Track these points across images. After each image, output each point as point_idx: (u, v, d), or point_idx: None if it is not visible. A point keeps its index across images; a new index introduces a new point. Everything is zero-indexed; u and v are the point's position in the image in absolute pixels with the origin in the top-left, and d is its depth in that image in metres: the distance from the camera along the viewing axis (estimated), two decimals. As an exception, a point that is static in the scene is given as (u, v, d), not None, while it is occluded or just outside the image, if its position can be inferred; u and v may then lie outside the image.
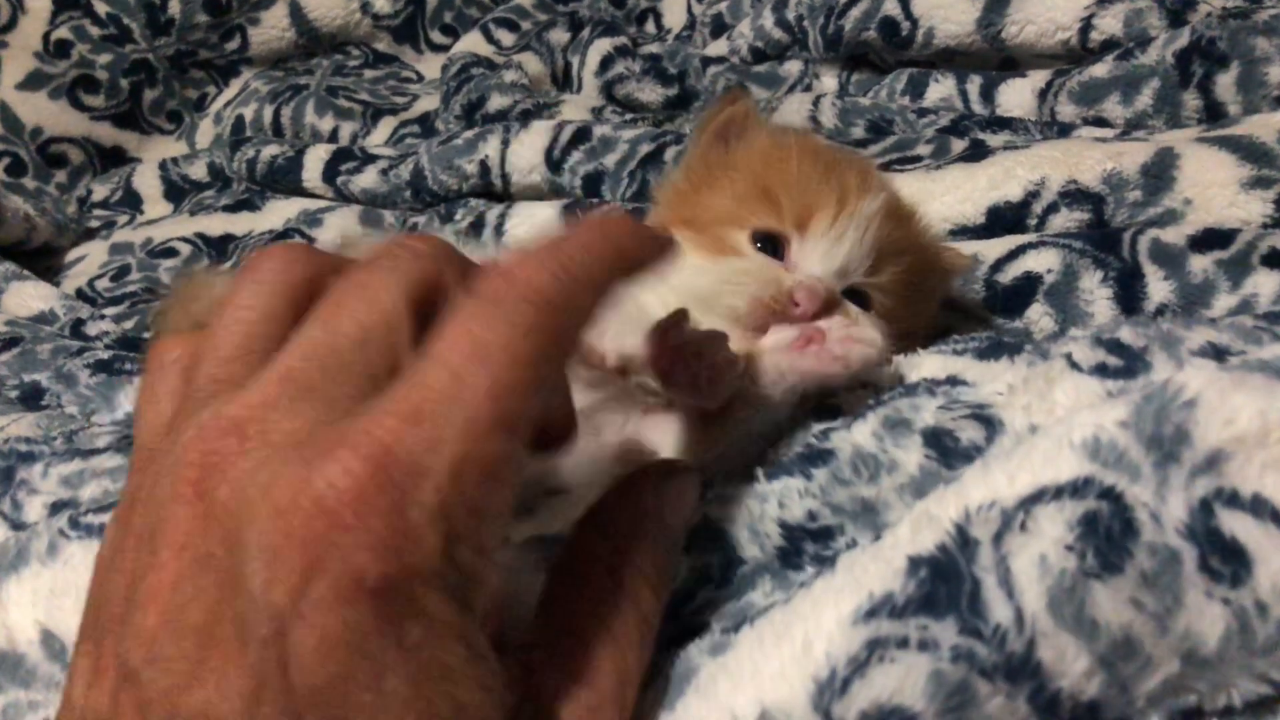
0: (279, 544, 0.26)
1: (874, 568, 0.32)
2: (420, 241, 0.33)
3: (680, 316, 0.45)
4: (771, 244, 0.54)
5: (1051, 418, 0.37)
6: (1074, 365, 0.40)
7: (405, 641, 0.26)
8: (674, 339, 0.44)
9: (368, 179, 1.09)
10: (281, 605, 0.25)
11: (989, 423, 0.38)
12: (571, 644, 0.31)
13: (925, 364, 0.46)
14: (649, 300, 0.52)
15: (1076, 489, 0.31)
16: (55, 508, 0.55)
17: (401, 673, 0.26)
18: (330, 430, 0.27)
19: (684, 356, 0.44)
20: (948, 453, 0.38)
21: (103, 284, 1.08)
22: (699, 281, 0.52)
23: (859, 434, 0.40)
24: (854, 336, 0.46)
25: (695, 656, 0.34)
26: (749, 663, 0.32)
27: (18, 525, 0.54)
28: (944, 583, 0.31)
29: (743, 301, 0.51)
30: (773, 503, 0.39)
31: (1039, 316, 0.63)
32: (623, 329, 0.47)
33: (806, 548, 0.37)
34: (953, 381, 0.42)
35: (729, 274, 0.53)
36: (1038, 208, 0.69)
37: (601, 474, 0.44)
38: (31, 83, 1.30)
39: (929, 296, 0.60)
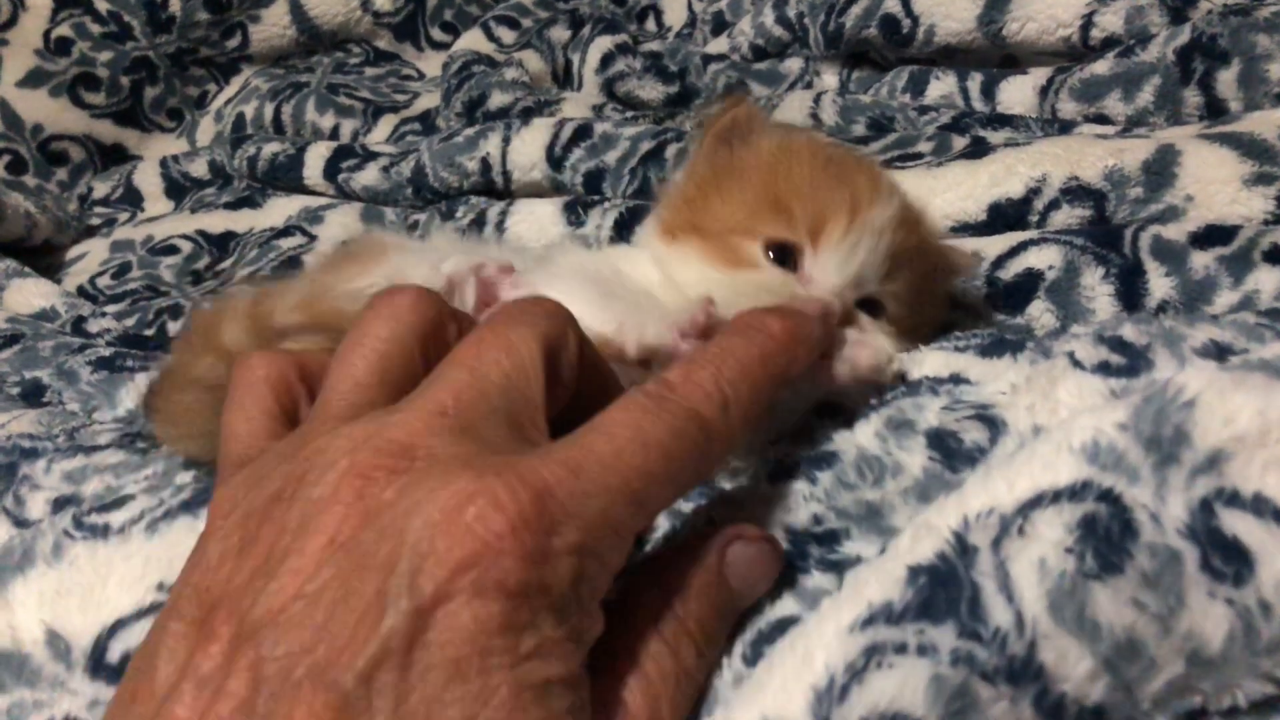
0: (438, 536, 0.29)
1: (874, 579, 0.32)
2: (548, 303, 0.38)
3: (709, 303, 0.47)
4: (784, 253, 0.53)
5: (1055, 418, 0.37)
6: (1077, 364, 0.40)
7: (519, 648, 0.29)
8: (708, 321, 0.46)
9: (369, 176, 1.08)
10: (427, 589, 0.28)
11: (992, 423, 0.38)
12: (606, 683, 0.32)
13: (928, 361, 0.46)
14: (662, 293, 0.52)
15: (1075, 492, 0.31)
16: (58, 504, 0.55)
17: (508, 675, 0.28)
18: (500, 459, 0.31)
19: None
20: (951, 454, 0.38)
21: (104, 281, 1.08)
22: (714, 293, 0.51)
23: (862, 435, 0.40)
24: (864, 342, 0.46)
25: (720, 689, 0.34)
26: (755, 682, 0.32)
27: (20, 521, 0.54)
28: (942, 588, 0.31)
29: None
30: (777, 506, 0.39)
31: (1040, 313, 0.63)
32: (641, 320, 0.47)
33: (812, 551, 0.38)
34: (955, 380, 0.42)
35: (744, 288, 0.52)
36: (1039, 204, 0.69)
37: None
38: (32, 80, 1.30)
39: (937, 297, 0.60)
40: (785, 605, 0.36)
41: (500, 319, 0.36)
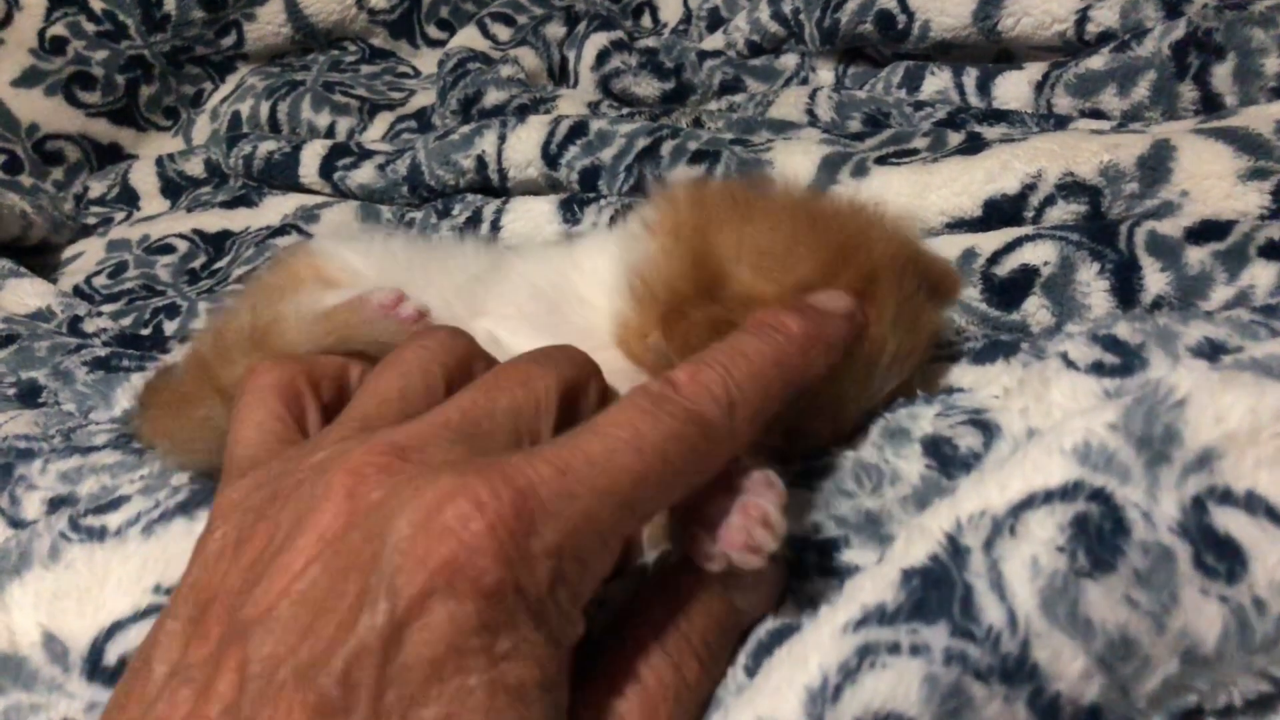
0: (419, 536, 0.29)
1: (869, 584, 0.32)
2: (574, 350, 0.39)
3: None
4: None
5: (1049, 419, 0.37)
6: (1070, 364, 0.40)
7: (495, 649, 0.29)
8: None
9: (365, 174, 1.08)
10: (406, 590, 0.29)
11: (987, 428, 0.38)
12: (603, 693, 0.33)
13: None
14: None
15: (1066, 492, 0.32)
16: (54, 504, 0.55)
17: (484, 677, 0.29)
18: (485, 461, 0.31)
19: None
20: (947, 461, 0.38)
21: (100, 281, 1.08)
22: None
23: (859, 444, 0.40)
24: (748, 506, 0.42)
25: (723, 697, 0.34)
26: (752, 686, 0.32)
27: (16, 522, 0.54)
28: (935, 589, 0.31)
29: None
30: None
31: (1036, 309, 0.63)
32: None
33: (810, 559, 0.38)
34: (949, 389, 0.42)
35: None
36: (1035, 200, 0.69)
37: None
38: (27, 79, 1.30)
39: None
40: (785, 613, 0.36)
41: (525, 357, 0.38)
